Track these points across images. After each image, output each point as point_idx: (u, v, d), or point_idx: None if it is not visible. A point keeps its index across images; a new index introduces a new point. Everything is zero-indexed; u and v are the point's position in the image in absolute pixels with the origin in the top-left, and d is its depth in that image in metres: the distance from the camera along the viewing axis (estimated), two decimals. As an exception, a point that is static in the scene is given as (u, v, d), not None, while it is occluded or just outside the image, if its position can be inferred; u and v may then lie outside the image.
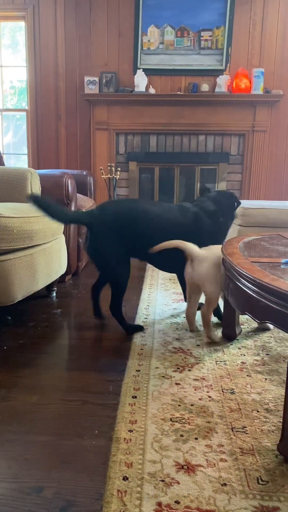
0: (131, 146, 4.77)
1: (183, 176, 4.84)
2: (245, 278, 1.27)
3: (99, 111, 4.66)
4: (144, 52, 4.63)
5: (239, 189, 4.80)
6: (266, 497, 0.98)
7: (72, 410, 1.35)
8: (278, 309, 1.09)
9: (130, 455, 1.11)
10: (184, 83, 4.68)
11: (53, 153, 4.92)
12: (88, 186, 3.58)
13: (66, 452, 1.14)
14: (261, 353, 1.75)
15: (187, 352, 1.76)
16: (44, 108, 4.83)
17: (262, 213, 3.06)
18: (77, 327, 2.10)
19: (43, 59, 4.74)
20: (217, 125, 4.62)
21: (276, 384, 1.49)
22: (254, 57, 4.62)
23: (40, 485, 1.03)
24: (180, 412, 1.32)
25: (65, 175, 2.61)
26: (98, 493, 1.00)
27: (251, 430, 1.23)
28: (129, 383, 1.49)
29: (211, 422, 1.27)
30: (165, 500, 0.96)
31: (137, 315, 2.21)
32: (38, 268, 2.06)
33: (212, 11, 4.52)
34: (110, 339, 1.92)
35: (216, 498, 0.97)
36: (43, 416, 1.31)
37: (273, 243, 1.82)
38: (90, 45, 4.69)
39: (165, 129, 4.67)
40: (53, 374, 1.58)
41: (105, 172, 4.66)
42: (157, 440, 1.18)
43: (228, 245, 1.72)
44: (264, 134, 4.62)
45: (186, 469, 1.06)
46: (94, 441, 1.19)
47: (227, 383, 1.50)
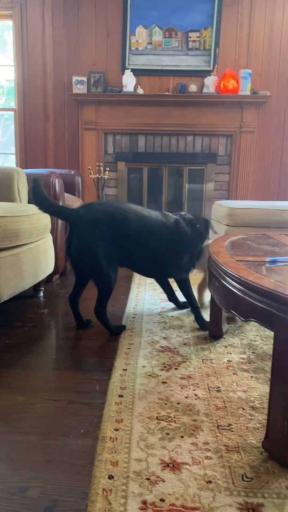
0: (119, 146, 4.77)
1: (172, 176, 4.86)
2: (230, 277, 1.28)
3: (87, 111, 4.65)
4: (132, 52, 4.64)
5: (226, 190, 4.82)
6: (250, 493, 0.99)
7: (58, 409, 1.34)
8: (262, 307, 1.10)
9: (116, 454, 1.11)
10: (172, 83, 4.69)
11: (41, 152, 4.90)
12: (76, 186, 3.57)
13: (51, 452, 1.14)
14: (247, 351, 1.76)
15: (174, 351, 1.76)
16: (32, 107, 4.81)
17: (249, 213, 3.08)
18: (64, 327, 2.09)
19: (31, 59, 4.72)
20: (205, 126, 4.64)
21: (261, 382, 1.51)
22: (241, 58, 4.65)
23: (25, 485, 1.02)
24: (166, 410, 1.32)
25: (52, 175, 2.60)
26: (83, 492, 1.00)
27: (236, 428, 1.24)
28: (115, 382, 1.49)
29: (197, 420, 1.27)
30: (150, 498, 0.97)
31: (125, 314, 2.21)
32: (24, 268, 2.05)
33: (200, 12, 4.54)
34: (97, 339, 1.91)
35: (201, 496, 0.98)
36: (29, 416, 1.30)
37: (259, 242, 1.83)
38: (78, 45, 4.68)
39: (154, 129, 4.67)
40: (39, 374, 1.58)
41: (93, 172, 4.65)
42: (143, 438, 1.18)
43: (215, 244, 1.73)
44: (251, 135, 4.65)
45: (171, 467, 1.07)
46: (80, 440, 1.19)
47: (213, 381, 1.51)
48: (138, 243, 1.92)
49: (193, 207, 4.90)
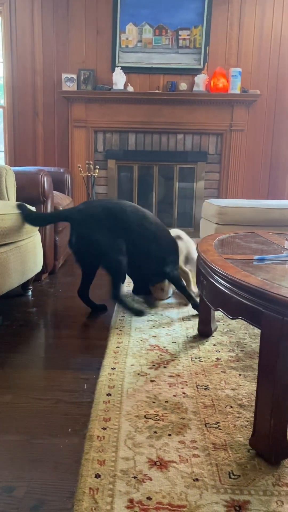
0: (109, 144, 4.76)
1: (162, 174, 4.85)
2: (218, 275, 1.28)
3: (77, 109, 4.63)
4: (122, 50, 4.62)
5: (217, 188, 4.83)
6: (237, 491, 0.99)
7: (45, 409, 1.34)
8: (250, 305, 1.10)
9: (103, 453, 1.11)
10: (162, 81, 4.68)
11: (30, 150, 4.86)
12: (66, 184, 3.55)
13: (38, 451, 1.13)
14: (235, 349, 1.77)
15: (163, 350, 1.76)
16: (22, 105, 4.77)
17: (238, 211, 3.09)
18: (53, 326, 2.08)
19: (20, 55, 4.68)
20: (195, 124, 4.64)
21: (250, 379, 1.51)
22: (231, 57, 4.65)
23: (11, 484, 1.01)
24: (154, 409, 1.32)
25: (41, 172, 2.59)
26: (70, 491, 0.99)
27: (224, 426, 1.24)
28: (104, 381, 1.49)
29: (185, 418, 1.27)
30: (137, 496, 0.96)
31: (114, 313, 2.21)
32: (12, 267, 2.03)
33: (190, 10, 4.54)
34: (86, 338, 1.91)
35: (188, 493, 0.98)
36: (16, 416, 1.29)
37: (247, 240, 1.84)
38: (68, 42, 4.65)
39: (144, 127, 4.66)
40: (27, 373, 1.56)
41: (83, 170, 4.63)
42: (131, 437, 1.18)
43: (203, 242, 1.73)
44: (241, 134, 4.66)
45: (158, 465, 1.07)
46: (67, 439, 1.18)
47: (201, 379, 1.51)
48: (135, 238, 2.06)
49: (184, 206, 4.90)
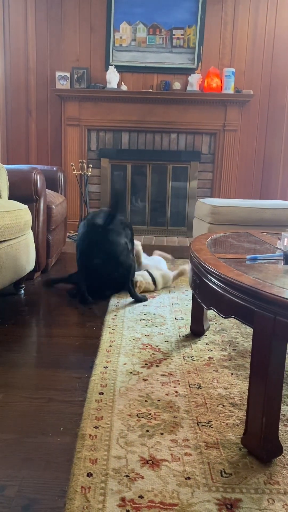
0: (103, 142, 4.75)
1: (155, 173, 4.85)
2: (210, 274, 1.28)
3: (70, 107, 4.61)
4: (116, 48, 4.61)
5: (210, 188, 4.84)
6: (228, 489, 0.99)
7: (37, 407, 1.33)
8: (242, 304, 1.10)
9: (95, 452, 1.10)
10: (156, 80, 4.68)
11: (23, 148, 4.84)
12: (59, 182, 3.54)
13: (30, 450, 1.13)
14: (228, 348, 1.77)
15: (156, 348, 1.76)
16: (14, 102, 4.75)
17: (231, 211, 3.10)
18: (45, 324, 2.07)
19: (13, 53, 4.65)
20: (189, 124, 4.65)
21: (242, 378, 1.52)
22: (225, 57, 4.66)
23: (2, 484, 1.01)
24: (147, 407, 1.32)
25: (33, 170, 2.57)
26: (61, 490, 0.99)
27: (216, 424, 1.24)
28: (96, 380, 1.48)
29: (177, 417, 1.27)
30: (129, 495, 0.96)
31: (107, 311, 2.20)
32: (4, 265, 2.02)
33: (184, 9, 4.54)
34: (79, 337, 1.90)
35: (179, 492, 0.98)
36: (7, 414, 1.29)
37: (240, 240, 1.84)
38: (62, 40, 4.63)
39: (137, 126, 4.66)
40: (19, 372, 1.56)
41: (76, 169, 4.61)
42: (123, 436, 1.17)
43: (196, 241, 1.73)
44: (234, 134, 4.68)
45: (150, 464, 1.07)
46: (59, 438, 1.18)
47: (194, 378, 1.51)
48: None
49: (177, 205, 4.90)
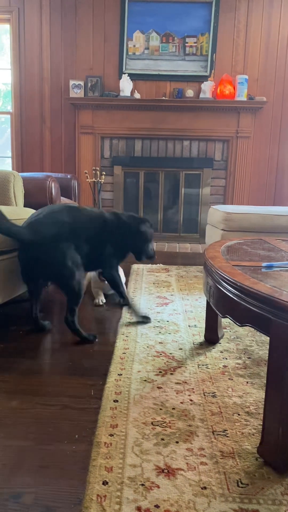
0: (116, 150, 4.78)
1: (168, 180, 4.87)
2: (226, 281, 1.27)
3: (84, 115, 4.66)
4: (130, 57, 4.65)
5: (223, 194, 4.84)
6: (245, 500, 0.98)
7: (52, 414, 1.33)
8: (258, 312, 1.10)
9: (110, 460, 1.10)
10: (169, 88, 4.70)
11: (37, 156, 4.89)
12: (73, 190, 3.57)
13: (45, 457, 1.13)
14: (243, 356, 1.76)
15: (170, 356, 1.76)
16: (29, 111, 4.81)
17: (245, 218, 3.09)
18: (59, 331, 2.08)
19: (28, 62, 4.72)
20: (202, 131, 4.66)
21: (257, 387, 1.50)
22: (238, 64, 4.67)
23: (19, 491, 1.01)
24: (162, 415, 1.31)
25: (48, 178, 2.60)
26: (77, 498, 0.99)
27: (231, 433, 1.23)
28: (110, 387, 1.48)
29: (192, 425, 1.27)
30: (144, 504, 0.96)
31: (121, 319, 2.21)
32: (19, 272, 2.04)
33: (197, 18, 4.57)
34: (93, 343, 1.90)
35: (196, 502, 0.97)
36: (23, 421, 1.29)
37: (255, 247, 1.83)
38: (76, 49, 4.69)
39: (150, 133, 4.68)
40: (34, 379, 1.56)
41: (89, 176, 4.65)
42: (138, 444, 1.17)
43: (211, 249, 1.73)
44: (247, 140, 4.67)
45: (166, 473, 1.06)
46: (74, 445, 1.18)
47: (208, 386, 1.50)
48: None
49: (189, 212, 4.90)
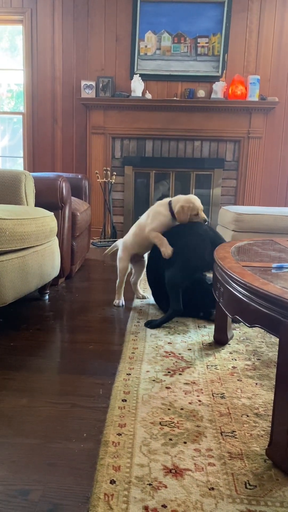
0: (127, 150, 4.79)
1: (179, 181, 4.86)
2: (235, 282, 1.27)
3: (95, 115, 4.67)
4: (141, 57, 4.66)
5: (234, 195, 4.81)
6: (253, 501, 0.98)
7: (61, 413, 1.34)
8: (268, 313, 1.09)
9: (118, 459, 1.10)
10: (180, 89, 4.70)
11: (48, 156, 4.92)
12: (83, 190, 3.58)
13: (53, 455, 1.13)
14: (252, 357, 1.75)
15: (179, 356, 1.75)
16: (41, 111, 4.84)
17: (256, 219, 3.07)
18: (69, 330, 2.09)
19: (40, 63, 4.75)
20: (213, 131, 4.64)
21: (266, 389, 1.49)
22: (250, 64, 4.65)
23: (27, 488, 1.02)
24: (170, 416, 1.31)
25: (59, 178, 2.61)
26: (84, 496, 0.99)
27: (240, 435, 1.23)
28: (119, 387, 1.48)
29: (200, 426, 1.26)
30: (152, 504, 0.96)
31: (129, 318, 2.21)
32: (30, 271, 2.06)
33: (209, 18, 4.55)
34: (102, 343, 1.91)
35: (203, 502, 0.97)
36: (32, 419, 1.30)
37: (265, 248, 1.82)
38: (87, 50, 4.71)
39: (161, 134, 4.68)
40: (43, 377, 1.57)
41: (100, 176, 4.66)
42: (146, 443, 1.17)
43: (221, 249, 1.72)
44: (259, 141, 4.65)
45: (174, 473, 1.06)
46: (82, 444, 1.18)
47: (217, 387, 1.50)
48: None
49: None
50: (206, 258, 2.10)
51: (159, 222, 2.21)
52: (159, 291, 2.32)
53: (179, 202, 2.19)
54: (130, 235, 2.38)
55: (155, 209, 2.28)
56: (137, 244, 2.34)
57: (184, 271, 2.09)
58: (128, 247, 2.38)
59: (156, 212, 2.25)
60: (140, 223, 2.32)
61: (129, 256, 2.39)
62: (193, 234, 2.15)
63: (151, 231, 2.21)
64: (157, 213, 2.24)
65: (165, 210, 2.23)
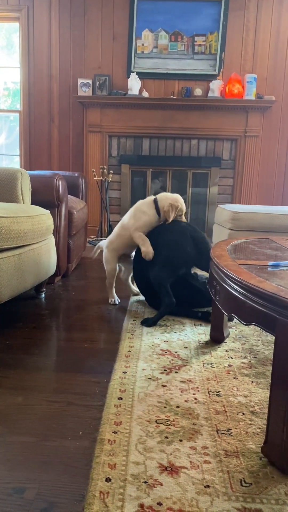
0: (123, 149, 4.78)
1: (176, 179, 4.86)
2: (231, 280, 1.27)
3: (92, 114, 4.66)
4: (138, 55, 4.65)
5: (230, 194, 4.82)
6: (249, 499, 0.98)
7: (57, 411, 1.34)
8: (264, 311, 1.09)
9: (114, 457, 1.10)
10: (177, 87, 4.69)
11: (45, 154, 4.91)
12: (80, 188, 3.57)
13: (49, 453, 1.13)
14: (248, 356, 1.75)
15: (175, 354, 1.75)
16: (37, 109, 4.83)
17: (252, 217, 3.08)
18: (65, 328, 2.09)
19: (37, 61, 4.74)
20: (210, 130, 4.64)
21: (262, 387, 1.50)
22: (247, 63, 4.65)
23: (22, 486, 1.01)
24: (166, 414, 1.31)
25: (55, 176, 2.61)
26: (80, 494, 0.99)
27: (236, 433, 1.23)
28: (115, 385, 1.48)
29: (196, 424, 1.26)
30: (147, 501, 0.96)
31: (126, 316, 2.21)
32: (26, 269, 2.05)
33: (206, 16, 4.55)
34: (98, 341, 1.91)
35: (198, 500, 0.97)
36: (27, 417, 1.30)
37: (262, 246, 1.82)
38: (84, 48, 4.70)
39: (158, 132, 4.68)
40: (39, 375, 1.57)
41: (97, 175, 4.65)
42: (142, 441, 1.17)
43: (217, 247, 1.72)
44: (256, 139, 4.65)
45: (169, 471, 1.06)
46: (78, 442, 1.18)
47: (213, 385, 1.50)
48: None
49: (197, 211, 4.89)
50: (189, 252, 2.12)
51: (143, 222, 2.21)
52: (149, 292, 2.33)
53: (168, 200, 2.19)
54: (114, 236, 2.38)
55: (138, 208, 2.26)
56: (122, 245, 2.34)
57: (167, 267, 2.10)
58: (114, 248, 2.38)
59: (140, 211, 2.24)
60: (124, 224, 2.31)
61: (116, 258, 2.40)
62: (173, 231, 2.17)
63: (135, 231, 2.20)
64: (141, 213, 2.23)
65: (150, 209, 2.22)
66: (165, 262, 2.10)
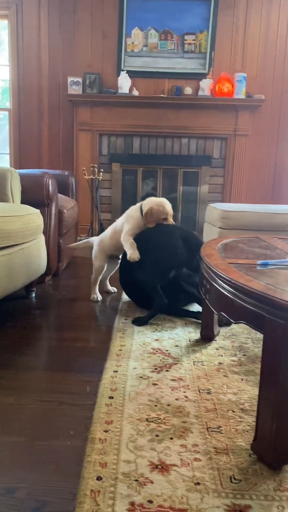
0: (114, 147, 4.78)
1: (166, 178, 4.87)
2: (221, 279, 1.28)
3: (82, 112, 4.65)
4: (128, 54, 4.65)
5: (220, 192, 4.84)
6: (238, 495, 0.99)
7: (48, 410, 1.34)
8: (252, 310, 1.10)
9: (105, 455, 1.11)
10: (167, 86, 4.70)
11: (35, 153, 4.89)
12: (70, 187, 3.56)
13: (40, 453, 1.14)
14: (238, 353, 1.77)
15: (166, 353, 1.76)
16: (27, 107, 4.80)
17: (242, 216, 3.10)
18: (56, 328, 2.08)
19: (26, 59, 4.71)
20: (200, 129, 4.66)
21: (252, 384, 1.51)
22: (236, 62, 4.67)
23: (13, 485, 1.02)
24: (156, 412, 1.32)
25: (45, 175, 2.60)
26: (71, 493, 0.99)
27: (226, 430, 1.24)
28: (106, 384, 1.49)
29: (186, 422, 1.27)
30: (138, 499, 0.97)
31: (117, 315, 2.21)
32: (16, 268, 2.04)
33: (196, 15, 4.56)
34: (89, 340, 1.91)
35: (189, 497, 0.98)
36: (18, 417, 1.30)
37: (251, 245, 1.84)
38: (74, 46, 4.68)
39: (149, 131, 4.68)
40: (30, 375, 1.57)
41: (87, 173, 4.65)
42: (132, 440, 1.18)
43: (207, 246, 1.73)
44: (246, 138, 4.67)
45: (160, 469, 1.07)
46: (69, 441, 1.19)
47: (204, 383, 1.51)
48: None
49: (187, 210, 4.91)
50: (178, 254, 2.14)
51: (131, 225, 2.28)
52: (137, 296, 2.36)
53: (148, 205, 2.25)
54: (107, 236, 2.43)
55: (128, 213, 2.36)
56: (112, 246, 2.41)
57: (156, 268, 2.12)
58: (105, 248, 2.44)
59: (129, 216, 2.33)
60: (116, 227, 2.38)
61: (106, 257, 2.46)
62: (162, 233, 2.20)
63: (124, 234, 2.27)
64: (129, 217, 2.32)
65: (136, 212, 2.31)
66: (153, 263, 2.12)
